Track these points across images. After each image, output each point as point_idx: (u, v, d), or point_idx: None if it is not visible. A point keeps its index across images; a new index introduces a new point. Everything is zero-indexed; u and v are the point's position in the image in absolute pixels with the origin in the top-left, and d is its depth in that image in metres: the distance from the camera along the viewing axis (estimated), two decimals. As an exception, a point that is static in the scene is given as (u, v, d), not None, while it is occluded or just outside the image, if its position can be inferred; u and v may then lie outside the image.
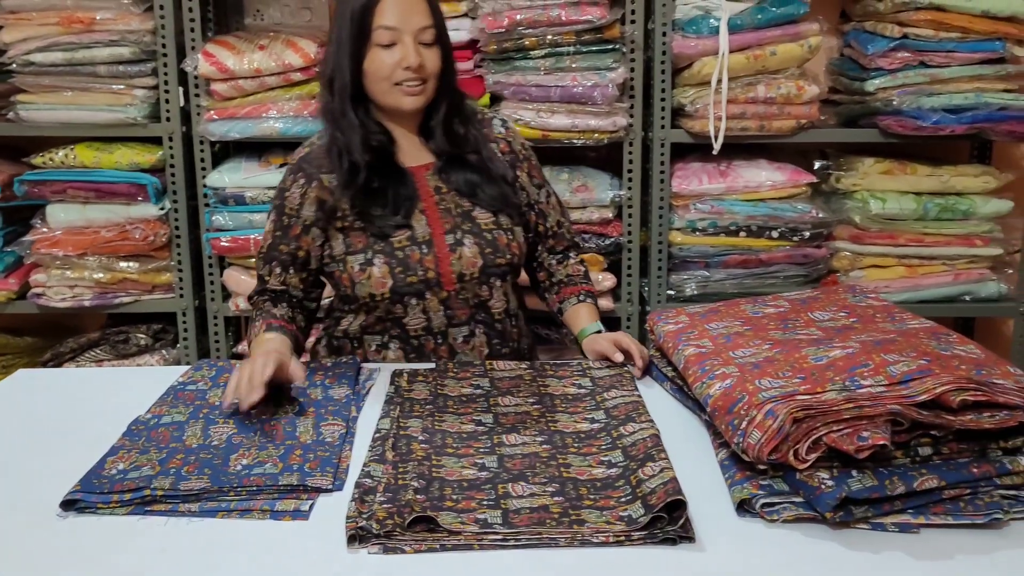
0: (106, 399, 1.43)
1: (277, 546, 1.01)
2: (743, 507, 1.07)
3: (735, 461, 1.14)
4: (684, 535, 0.99)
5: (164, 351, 2.33)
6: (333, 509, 1.07)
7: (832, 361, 1.18)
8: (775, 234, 2.18)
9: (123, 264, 2.25)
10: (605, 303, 2.23)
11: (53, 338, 2.44)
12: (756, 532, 1.03)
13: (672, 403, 1.42)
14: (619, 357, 1.51)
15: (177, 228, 2.25)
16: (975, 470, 1.06)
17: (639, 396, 1.39)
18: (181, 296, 2.29)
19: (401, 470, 1.13)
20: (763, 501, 1.06)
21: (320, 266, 1.63)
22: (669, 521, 1.00)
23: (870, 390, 1.09)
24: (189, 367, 1.52)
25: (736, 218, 2.17)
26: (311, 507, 1.08)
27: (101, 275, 2.24)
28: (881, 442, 1.02)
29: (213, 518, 1.06)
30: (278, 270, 1.61)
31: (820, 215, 2.17)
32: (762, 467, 1.09)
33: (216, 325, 2.32)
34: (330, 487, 1.11)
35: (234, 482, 1.11)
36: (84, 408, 1.40)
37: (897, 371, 1.11)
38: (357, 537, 0.99)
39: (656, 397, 1.44)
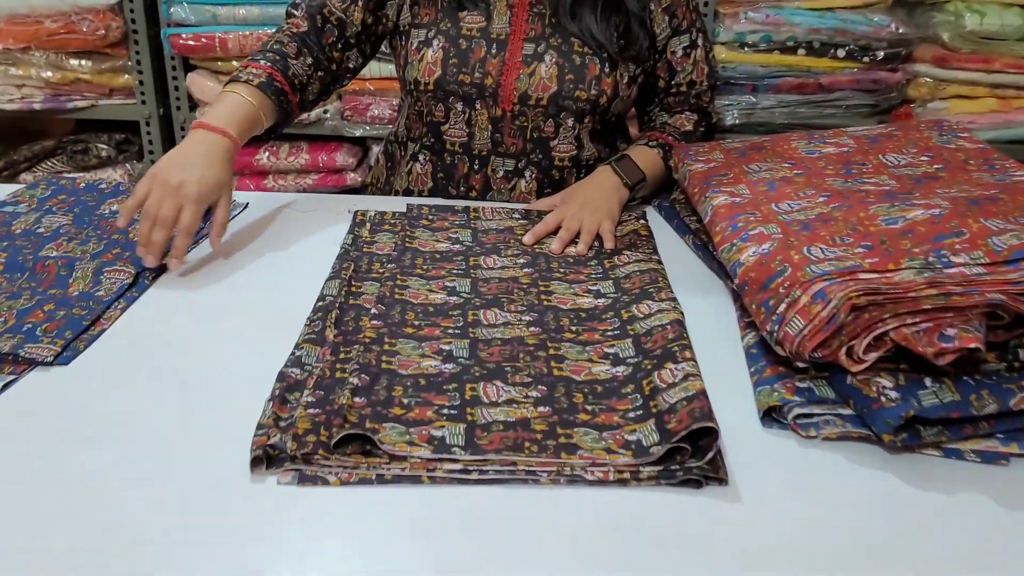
0: None
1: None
2: (771, 415, 0.81)
3: (766, 351, 0.87)
4: (713, 475, 0.73)
5: (128, 165, 2.07)
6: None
7: (911, 225, 0.88)
8: (841, 53, 1.82)
9: (74, 62, 1.95)
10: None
11: (13, 145, 2.18)
12: (783, 451, 0.77)
13: (692, 262, 1.13)
14: (527, 239, 1.16)
15: (133, 22, 1.93)
16: (1095, 384, 0.78)
17: (659, 263, 1.10)
18: (143, 102, 1.99)
19: (343, 355, 0.87)
20: (798, 411, 0.79)
21: (389, 28, 1.33)
22: (691, 453, 0.73)
23: (963, 270, 0.79)
24: (23, 186, 1.29)
25: (796, 31, 1.79)
26: (4, 386, 0.82)
27: (50, 74, 1.95)
28: (972, 344, 0.73)
29: None
30: None
31: (900, 30, 1.79)
32: (801, 365, 0.81)
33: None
34: (49, 359, 0.86)
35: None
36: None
37: (1003, 244, 0.81)
38: (264, 459, 0.72)
39: (672, 252, 1.15)
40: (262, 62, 1.22)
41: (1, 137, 2.25)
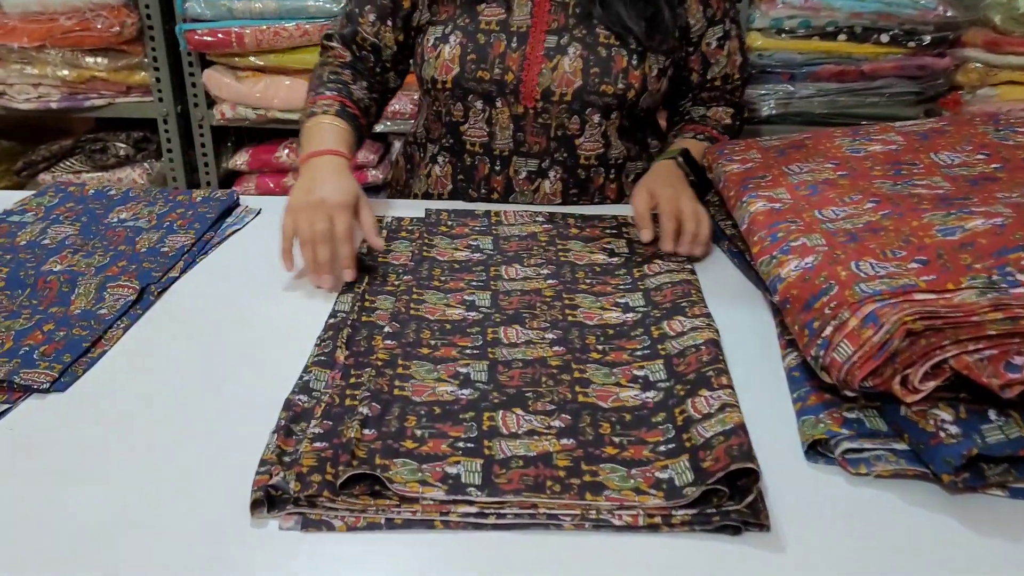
0: None
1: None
2: (816, 448, 0.74)
3: (810, 374, 0.80)
4: (753, 520, 0.65)
5: (147, 164, 2.03)
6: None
7: (970, 236, 0.80)
8: (885, 38, 1.72)
9: (89, 60, 1.91)
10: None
11: (36, 144, 2.15)
12: (830, 491, 0.70)
13: (727, 270, 1.06)
14: (647, 235, 1.08)
15: (149, 18, 1.88)
16: None
17: (692, 272, 1.03)
18: (160, 100, 1.95)
19: (353, 380, 0.81)
20: (847, 445, 0.72)
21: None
22: (729, 495, 0.66)
23: (1031, 290, 0.72)
24: (31, 193, 1.26)
25: (836, 15, 1.70)
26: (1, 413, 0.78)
27: (66, 72, 1.91)
28: (1043, 375, 0.66)
29: None
30: (372, 16, 1.25)
31: (948, 13, 1.68)
32: (850, 394, 0.74)
33: (203, 136, 1.99)
34: (45, 386, 0.81)
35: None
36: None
37: (1075, 259, 0.74)
38: (265, 501, 0.67)
39: (707, 258, 1.08)
40: (328, 93, 1.21)
41: (23, 136, 2.23)
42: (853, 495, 0.70)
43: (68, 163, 2.02)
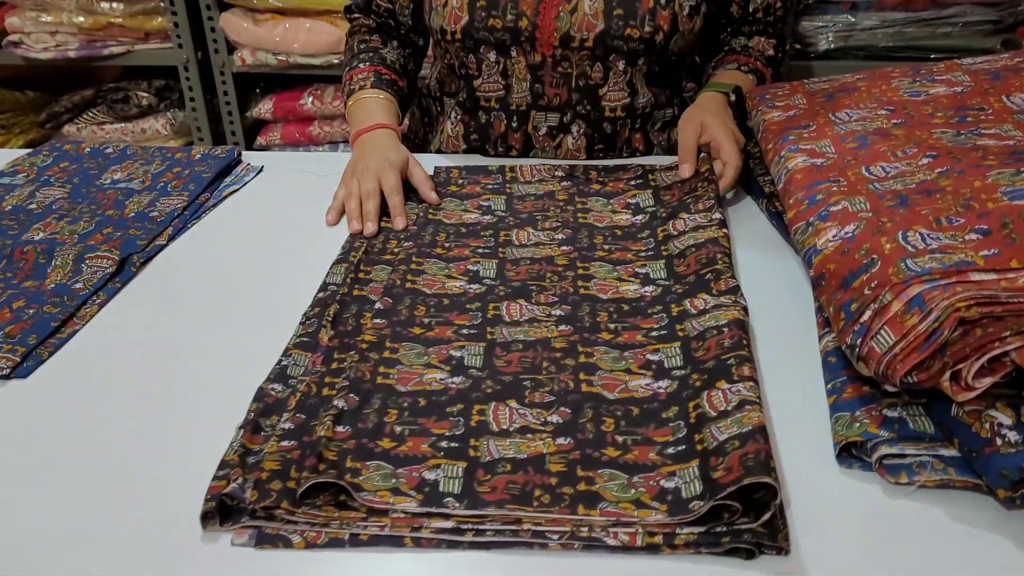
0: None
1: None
2: (850, 451, 0.64)
3: (847, 362, 0.70)
4: (770, 541, 0.56)
5: (170, 113, 1.96)
6: None
7: (1043, 200, 0.68)
8: (958, -40, 1.54)
9: (105, 5, 1.84)
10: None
11: (65, 93, 2.10)
12: (864, 504, 0.61)
13: (764, 231, 0.95)
14: (688, 171, 1.02)
15: (162, -43, 1.80)
16: None
17: (721, 223, 0.92)
18: (180, 46, 1.87)
19: (335, 365, 0.74)
20: (886, 450, 0.62)
21: None
22: (742, 510, 0.57)
23: (1115, 270, 0.60)
24: (26, 152, 1.20)
25: (903, -65, 1.53)
26: None
27: (82, 19, 1.85)
28: (1126, 374, 0.55)
29: None
30: None
31: (1032, -71, 1.50)
32: (891, 389, 0.64)
33: (224, 83, 1.92)
34: (6, 372, 0.75)
35: None
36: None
37: None
38: (217, 513, 0.60)
39: (742, 216, 0.97)
40: (361, 66, 1.20)
41: (52, 86, 2.18)
42: (890, 509, 0.60)
43: (91, 114, 1.97)
